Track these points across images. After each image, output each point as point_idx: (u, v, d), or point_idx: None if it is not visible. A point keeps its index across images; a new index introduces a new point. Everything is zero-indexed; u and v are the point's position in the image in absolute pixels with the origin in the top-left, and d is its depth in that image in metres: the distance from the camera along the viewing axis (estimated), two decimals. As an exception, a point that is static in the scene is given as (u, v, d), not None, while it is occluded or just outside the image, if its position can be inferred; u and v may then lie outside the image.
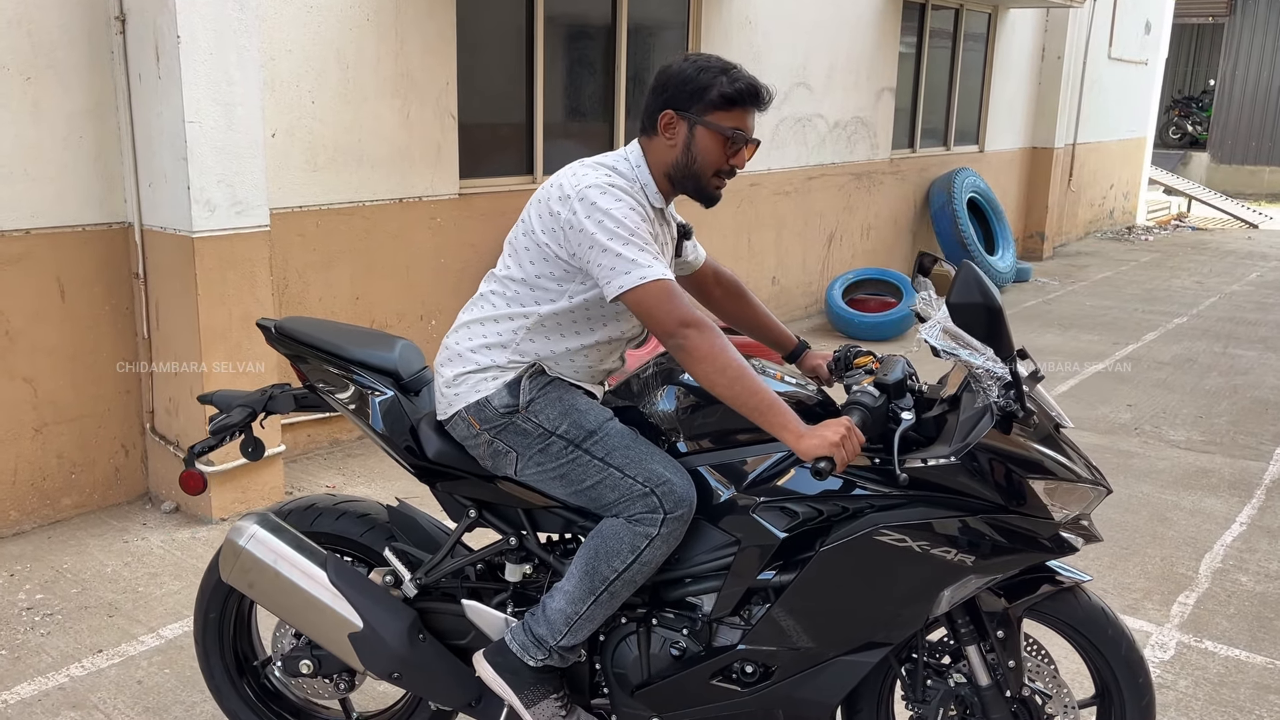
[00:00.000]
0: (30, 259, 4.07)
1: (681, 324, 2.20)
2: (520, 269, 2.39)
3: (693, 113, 2.33)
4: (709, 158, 2.35)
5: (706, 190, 2.40)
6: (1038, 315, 9.04)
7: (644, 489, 2.32)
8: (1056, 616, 2.47)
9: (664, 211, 2.45)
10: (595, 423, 2.38)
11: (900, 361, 2.44)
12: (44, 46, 3.97)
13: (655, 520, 2.32)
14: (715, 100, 2.32)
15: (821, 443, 2.16)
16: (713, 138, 2.34)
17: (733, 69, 2.36)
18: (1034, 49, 11.47)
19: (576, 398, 2.42)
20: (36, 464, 4.23)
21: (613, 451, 2.35)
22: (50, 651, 3.39)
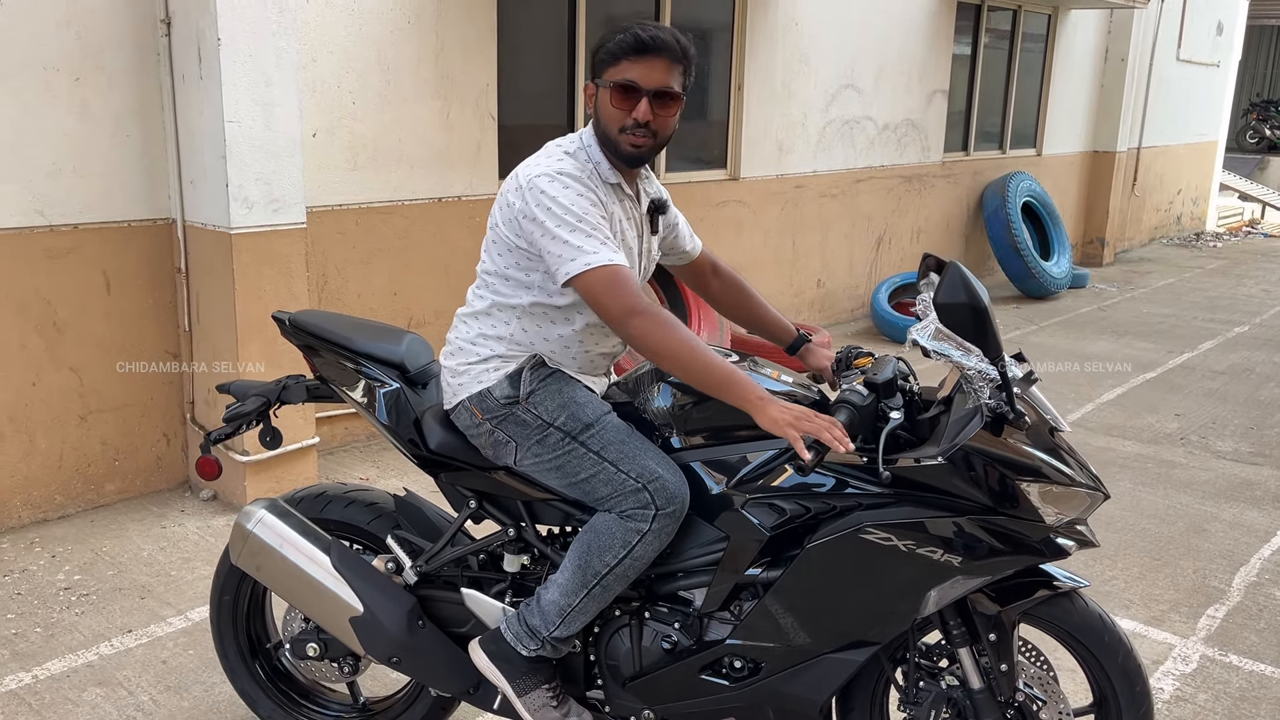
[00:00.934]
0: (78, 253, 4.24)
1: (628, 312, 2.22)
2: (492, 262, 2.45)
3: (599, 78, 2.38)
4: (609, 114, 2.36)
5: (620, 149, 2.37)
6: (1091, 322, 8.88)
7: (636, 485, 2.35)
8: (1052, 621, 2.44)
9: (621, 187, 2.44)
10: (592, 416, 2.42)
11: (892, 361, 2.44)
12: (93, 48, 4.13)
13: (647, 516, 2.35)
14: (604, 59, 2.35)
15: (777, 415, 2.16)
16: (607, 94, 2.35)
17: (631, 27, 2.36)
18: (1097, 50, 11.26)
19: (576, 390, 2.46)
20: (82, 450, 4.39)
21: (608, 446, 2.39)
22: (83, 630, 3.53)
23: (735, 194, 7.22)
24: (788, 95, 7.46)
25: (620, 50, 2.32)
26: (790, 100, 7.49)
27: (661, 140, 2.40)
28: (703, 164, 7.07)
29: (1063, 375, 7.11)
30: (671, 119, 2.39)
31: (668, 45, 2.31)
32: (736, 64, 7.08)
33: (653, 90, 2.32)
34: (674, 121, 2.41)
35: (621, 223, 2.44)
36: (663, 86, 2.32)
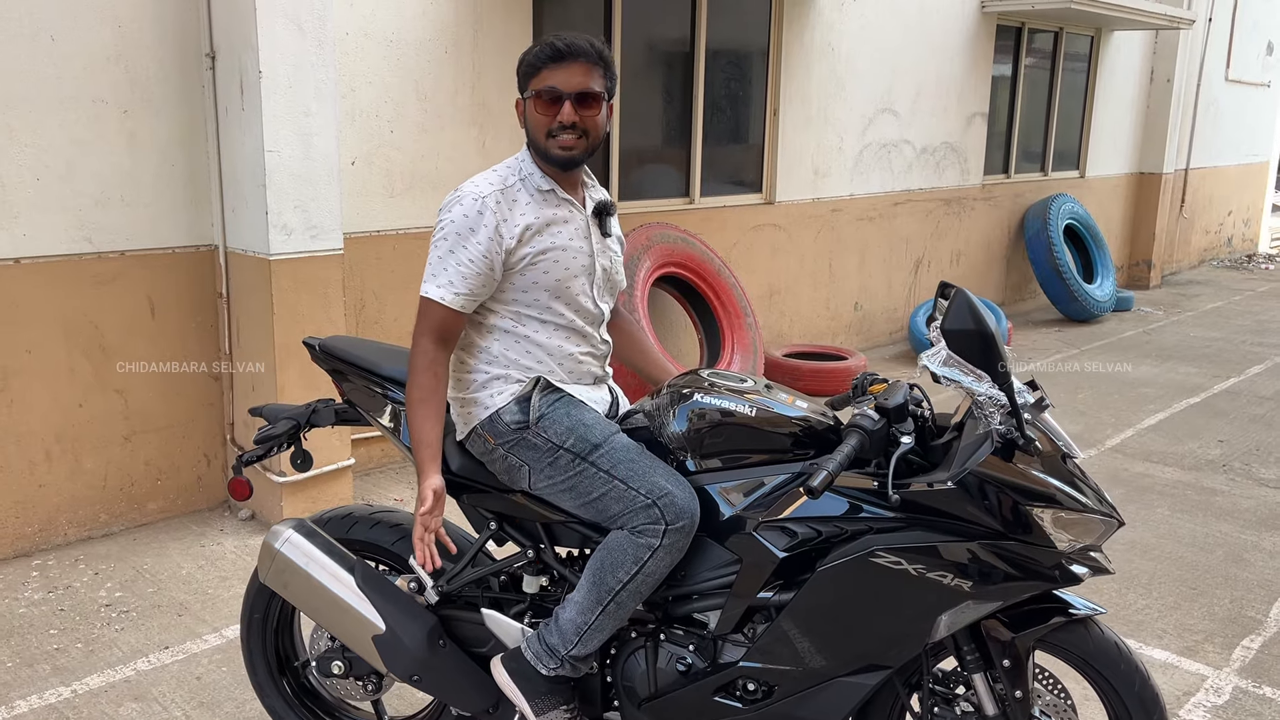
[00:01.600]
0: (125, 278, 4.38)
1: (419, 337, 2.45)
2: None
3: (524, 92, 2.49)
4: (535, 121, 2.46)
5: (549, 153, 2.47)
6: (1135, 346, 8.76)
7: (646, 501, 2.39)
8: (1068, 649, 2.43)
9: (555, 192, 2.52)
10: (600, 436, 2.47)
11: (903, 387, 2.46)
12: (140, 82, 4.28)
13: (657, 531, 2.39)
14: (527, 72, 2.47)
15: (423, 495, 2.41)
16: (531, 104, 2.46)
17: (545, 37, 2.47)
18: (1141, 71, 11.16)
19: (584, 413, 2.52)
20: (126, 470, 4.52)
21: (618, 464, 2.44)
22: (121, 646, 3.63)
23: (771, 217, 7.26)
24: (824, 119, 7.50)
25: (539, 60, 2.43)
26: (826, 124, 7.52)
27: (593, 141, 2.50)
28: (738, 187, 7.12)
29: (1103, 400, 7.03)
30: (597, 118, 2.47)
31: (584, 50, 2.43)
32: (772, 89, 7.13)
33: (574, 93, 2.42)
34: (601, 121, 2.49)
35: (555, 226, 2.51)
36: (583, 89, 2.43)
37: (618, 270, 2.68)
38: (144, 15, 4.24)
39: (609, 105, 2.51)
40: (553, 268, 2.49)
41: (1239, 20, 12.55)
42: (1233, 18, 12.39)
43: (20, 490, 4.24)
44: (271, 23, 4.14)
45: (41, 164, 4.09)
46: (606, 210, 2.64)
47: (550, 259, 2.48)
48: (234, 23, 4.22)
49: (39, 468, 4.28)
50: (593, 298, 2.58)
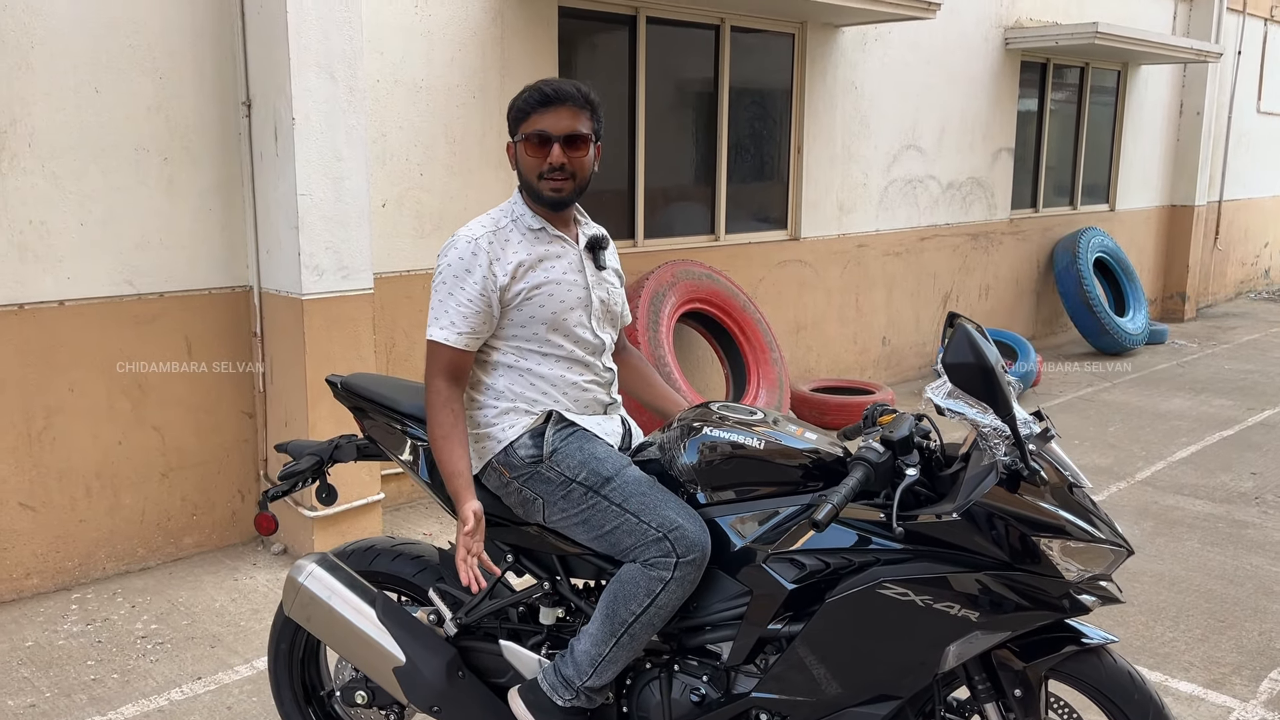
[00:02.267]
0: (164, 319, 4.52)
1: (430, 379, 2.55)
2: None
3: (515, 136, 2.60)
4: (527, 164, 2.58)
5: (542, 195, 2.58)
6: (1168, 378, 8.70)
7: (658, 534, 2.45)
8: (1080, 678, 2.44)
9: (546, 229, 2.62)
10: (613, 469, 2.54)
11: (909, 419, 2.50)
12: (180, 130, 4.45)
13: (669, 564, 2.44)
14: (516, 118, 2.59)
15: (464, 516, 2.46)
16: (522, 147, 2.58)
17: (533, 84, 2.58)
18: (1170, 104, 11.15)
19: (596, 446, 2.59)
20: (162, 506, 4.64)
21: (629, 498, 2.50)
22: (156, 676, 3.72)
23: (796, 254, 7.32)
24: (848, 156, 7.57)
25: (528, 106, 2.54)
26: (851, 161, 7.60)
27: (581, 182, 2.60)
28: (763, 224, 7.20)
29: (1134, 433, 6.99)
30: (585, 159, 2.58)
31: (570, 95, 2.54)
32: (796, 127, 7.23)
33: (562, 136, 2.53)
34: (589, 162, 2.60)
35: (548, 261, 2.60)
36: (571, 131, 2.54)
37: (616, 301, 2.76)
38: (184, 67, 4.42)
39: (596, 147, 2.62)
40: (548, 301, 2.58)
41: (1269, 52, 12.51)
42: (1263, 49, 12.36)
43: (61, 525, 4.37)
44: (305, 71, 4.30)
45: (85, 210, 4.25)
46: (600, 244, 2.74)
47: (545, 293, 2.58)
48: (269, 72, 4.38)
49: (79, 504, 4.41)
50: (591, 328, 2.66)
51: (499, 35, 5.42)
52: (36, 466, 4.28)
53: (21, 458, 4.23)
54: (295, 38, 4.26)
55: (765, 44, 6.97)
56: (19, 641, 3.97)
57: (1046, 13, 9.14)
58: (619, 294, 2.80)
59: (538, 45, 5.60)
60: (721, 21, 6.62)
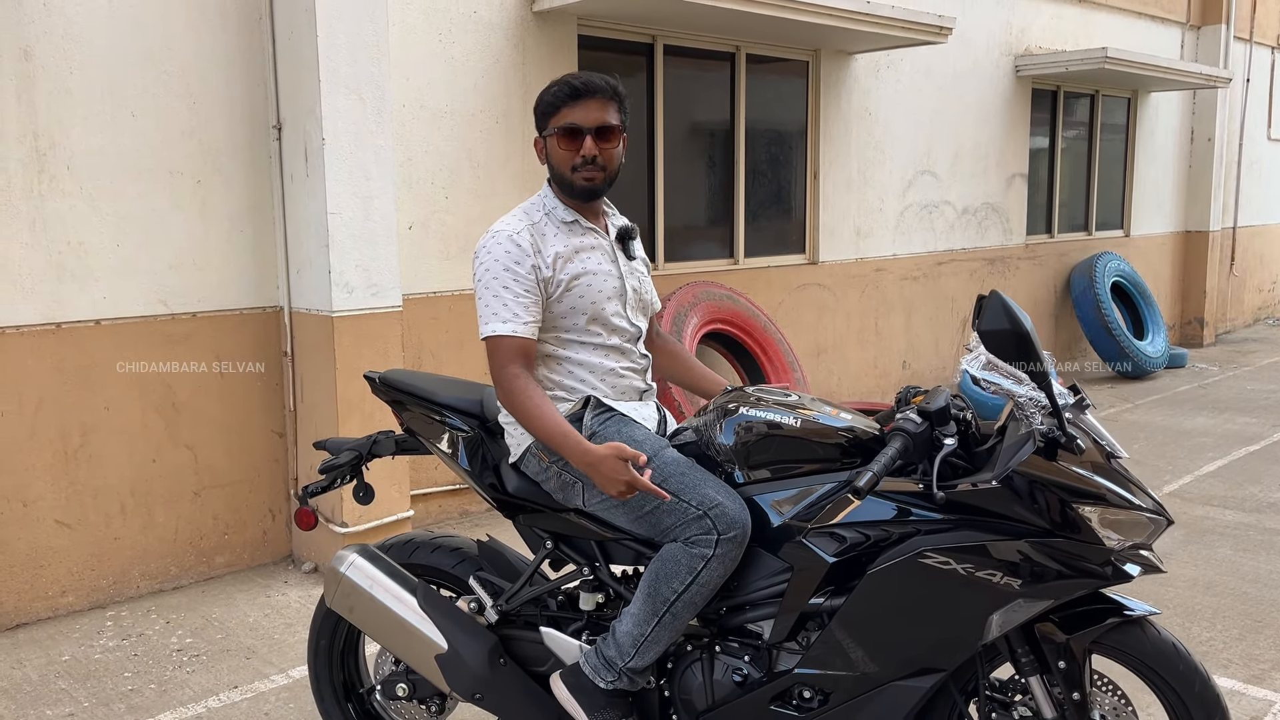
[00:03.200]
0: (196, 339, 4.59)
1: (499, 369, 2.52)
2: None
3: (544, 130, 2.64)
4: (559, 157, 2.62)
5: (574, 186, 2.62)
6: (1191, 399, 8.68)
7: (698, 512, 2.47)
8: (1123, 650, 2.44)
9: (579, 222, 2.66)
10: (651, 450, 2.56)
11: (944, 391, 2.53)
12: (212, 153, 4.55)
13: (710, 542, 2.46)
14: (546, 111, 2.63)
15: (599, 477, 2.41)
16: (554, 141, 2.62)
17: (560, 78, 2.62)
18: (1181, 131, 11.23)
19: (634, 429, 2.61)
20: (195, 525, 4.67)
21: (669, 478, 2.52)
22: (193, 686, 3.73)
23: (815, 277, 7.38)
24: (864, 182, 7.65)
25: (558, 99, 2.59)
26: (867, 186, 7.68)
27: (611, 173, 2.64)
28: (782, 248, 7.26)
29: (1160, 449, 6.97)
30: (615, 151, 2.63)
31: (600, 87, 2.59)
32: (812, 153, 7.32)
33: (593, 128, 2.57)
34: (619, 153, 2.65)
35: (584, 253, 2.65)
36: (601, 123, 2.58)
37: (646, 289, 2.80)
38: (216, 91, 4.53)
39: (624, 138, 2.67)
40: (587, 292, 2.62)
41: (1277, 80, 12.62)
42: (1271, 77, 12.46)
43: (96, 543, 4.41)
44: (334, 93, 4.40)
45: (121, 231, 4.34)
46: (629, 234, 2.80)
47: (583, 284, 2.62)
48: (299, 94, 4.49)
49: (114, 521, 4.45)
50: (626, 316, 2.70)
51: (520, 62, 5.54)
52: (73, 484, 4.32)
53: (58, 475, 4.28)
54: (325, 61, 4.37)
55: (780, 71, 7.08)
56: (55, 656, 3.99)
57: (1056, 41, 9.26)
58: (649, 282, 2.85)
59: (558, 72, 5.71)
60: (737, 50, 6.74)
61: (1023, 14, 8.87)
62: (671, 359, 3.03)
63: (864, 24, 6.41)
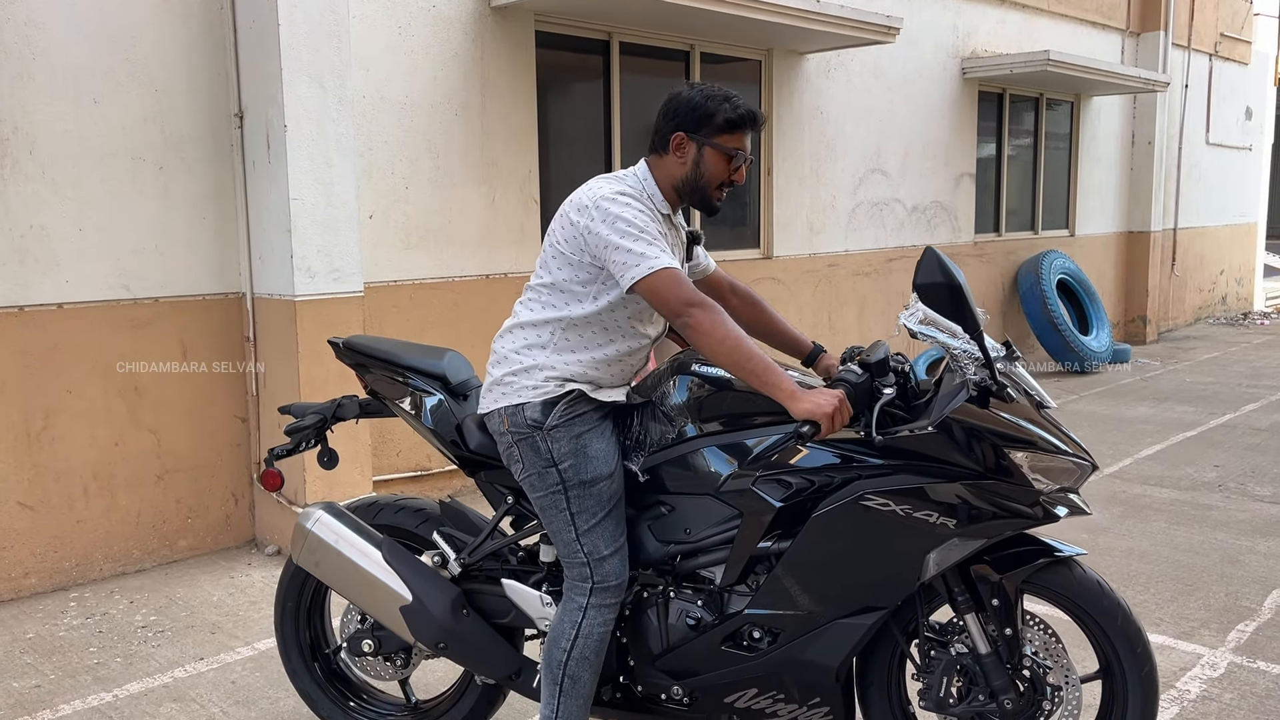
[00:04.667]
0: (159, 323, 4.65)
1: (686, 304, 2.48)
2: (550, 275, 2.68)
3: (700, 135, 2.64)
4: (714, 173, 2.66)
5: (710, 201, 2.70)
6: (1133, 391, 8.96)
7: (583, 559, 2.62)
8: (1052, 589, 2.59)
9: (670, 217, 2.73)
10: (590, 475, 2.63)
11: (884, 345, 2.68)
12: (174, 140, 4.62)
13: (584, 590, 2.62)
14: (720, 125, 2.63)
15: (813, 406, 2.39)
16: (717, 157, 2.65)
17: (734, 97, 2.67)
18: (1123, 134, 11.58)
19: (593, 442, 2.65)
20: (158, 508, 4.72)
21: (583, 512, 2.63)
22: (158, 659, 3.79)
23: (769, 271, 7.55)
24: (816, 179, 7.85)
25: (741, 122, 2.64)
26: (819, 183, 7.87)
27: None
28: (736, 242, 7.43)
29: (1101, 435, 7.20)
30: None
31: (762, 125, 2.73)
32: (765, 150, 7.50)
33: (748, 158, 2.70)
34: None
35: (672, 247, 2.71)
36: (752, 155, 2.76)
37: None
38: (178, 79, 4.60)
39: None
40: None
41: (1215, 86, 13.03)
42: (1209, 83, 12.87)
43: (59, 526, 4.45)
44: (296, 81, 4.49)
45: (84, 216, 4.40)
46: (696, 240, 2.87)
47: None
48: (261, 83, 4.57)
49: (77, 504, 4.48)
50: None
51: (479, 56, 5.66)
52: (35, 466, 4.36)
53: (21, 457, 4.32)
54: (287, 49, 4.46)
55: (734, 70, 7.26)
56: (20, 634, 4.03)
57: (1001, 44, 9.54)
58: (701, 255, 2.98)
59: (516, 67, 5.83)
60: (691, 48, 6.90)
61: (968, 18, 9.13)
62: (753, 309, 3.08)
63: (814, 23, 6.60)
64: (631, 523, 2.76)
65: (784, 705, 2.68)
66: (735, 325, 2.49)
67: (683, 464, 2.70)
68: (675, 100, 2.71)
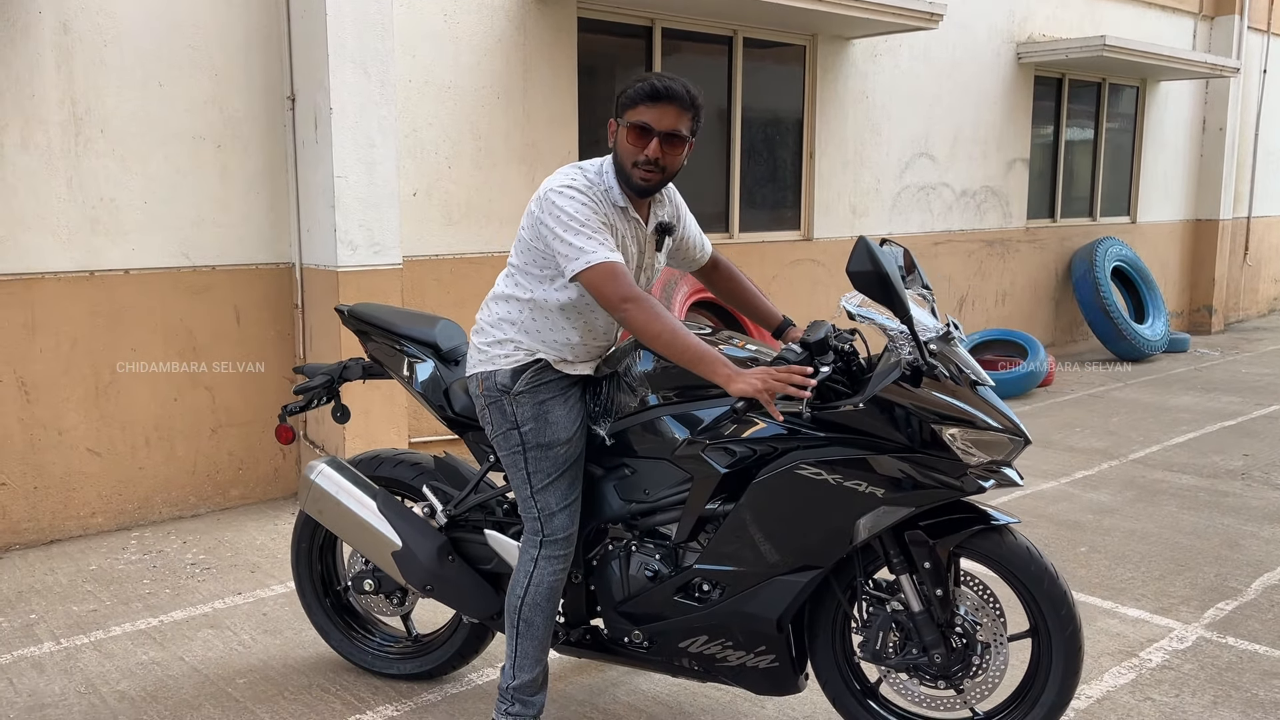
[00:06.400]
0: (215, 290, 5.06)
1: (622, 300, 2.66)
2: (518, 258, 2.93)
3: (621, 117, 2.81)
4: (625, 150, 2.79)
5: (632, 180, 2.78)
6: (1182, 380, 8.91)
7: (536, 513, 2.89)
8: (984, 554, 2.80)
9: (627, 210, 2.87)
10: (549, 438, 2.88)
11: (826, 325, 2.90)
12: (232, 121, 5.01)
13: (535, 542, 2.89)
14: (625, 102, 2.78)
15: (745, 385, 2.63)
16: (625, 132, 2.75)
17: (650, 76, 2.79)
18: (1192, 120, 11.38)
19: (554, 409, 2.89)
20: (211, 459, 5.16)
21: (539, 472, 2.88)
22: (202, 592, 4.21)
23: (809, 253, 7.72)
24: (860, 162, 7.98)
25: (639, 96, 2.76)
26: (863, 167, 8.00)
27: (669, 175, 2.83)
28: (777, 224, 7.62)
29: (1136, 423, 7.24)
30: (679, 158, 2.77)
31: (678, 95, 2.73)
32: (808, 133, 7.66)
33: (663, 132, 2.72)
34: (681, 160, 2.79)
35: (625, 238, 2.89)
36: (672, 130, 2.72)
37: (654, 279, 3.07)
38: (237, 65, 4.99)
39: (689, 146, 2.81)
40: None
41: (1298, 70, 12.68)
42: (1291, 68, 12.53)
43: (123, 471, 4.91)
44: (341, 67, 4.84)
45: (149, 190, 4.82)
46: (667, 231, 3.01)
47: None
48: (310, 68, 4.94)
49: (140, 452, 4.94)
50: None
51: (521, 42, 5.95)
52: (103, 416, 4.82)
53: (90, 408, 4.78)
54: (334, 37, 4.81)
55: (778, 55, 7.43)
56: (84, 566, 4.49)
57: (1060, 29, 9.49)
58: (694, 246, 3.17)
59: (558, 52, 6.11)
60: (734, 33, 7.10)
61: (1026, 3, 9.12)
62: (730, 284, 3.27)
63: (856, 10, 6.73)
64: (598, 482, 3.04)
65: (732, 652, 2.93)
66: (670, 317, 2.66)
67: (643, 430, 2.97)
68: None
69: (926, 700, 2.91)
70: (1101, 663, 3.59)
